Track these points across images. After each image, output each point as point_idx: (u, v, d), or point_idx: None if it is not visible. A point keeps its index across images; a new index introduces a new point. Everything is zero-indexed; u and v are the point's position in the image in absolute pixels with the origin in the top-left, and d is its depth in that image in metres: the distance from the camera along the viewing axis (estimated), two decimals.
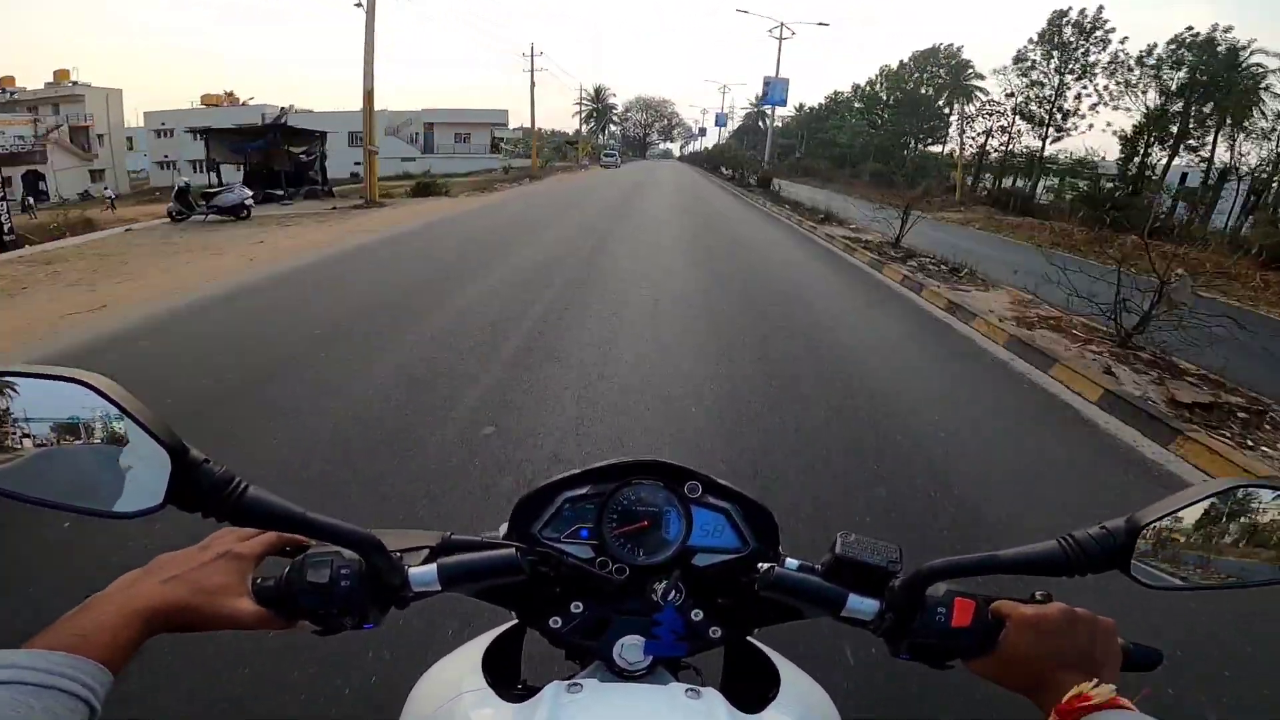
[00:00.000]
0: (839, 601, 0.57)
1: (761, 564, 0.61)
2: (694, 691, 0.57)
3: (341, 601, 0.54)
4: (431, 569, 0.57)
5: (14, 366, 0.44)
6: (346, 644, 1.72)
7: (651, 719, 0.56)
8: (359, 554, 0.54)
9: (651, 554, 0.62)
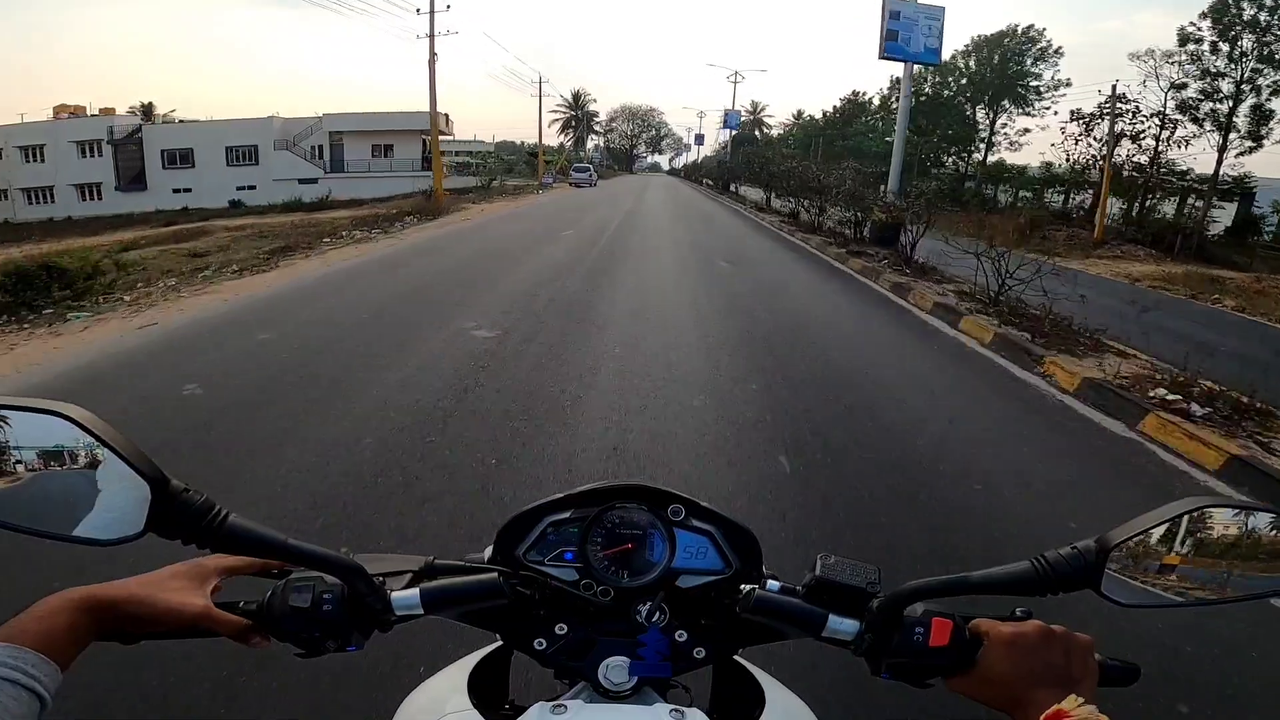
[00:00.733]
0: (819, 623, 0.58)
1: (744, 585, 0.61)
2: (679, 712, 0.58)
3: (324, 625, 0.54)
4: (414, 593, 0.57)
5: None
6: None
7: None
8: (340, 579, 0.54)
9: (636, 576, 0.63)
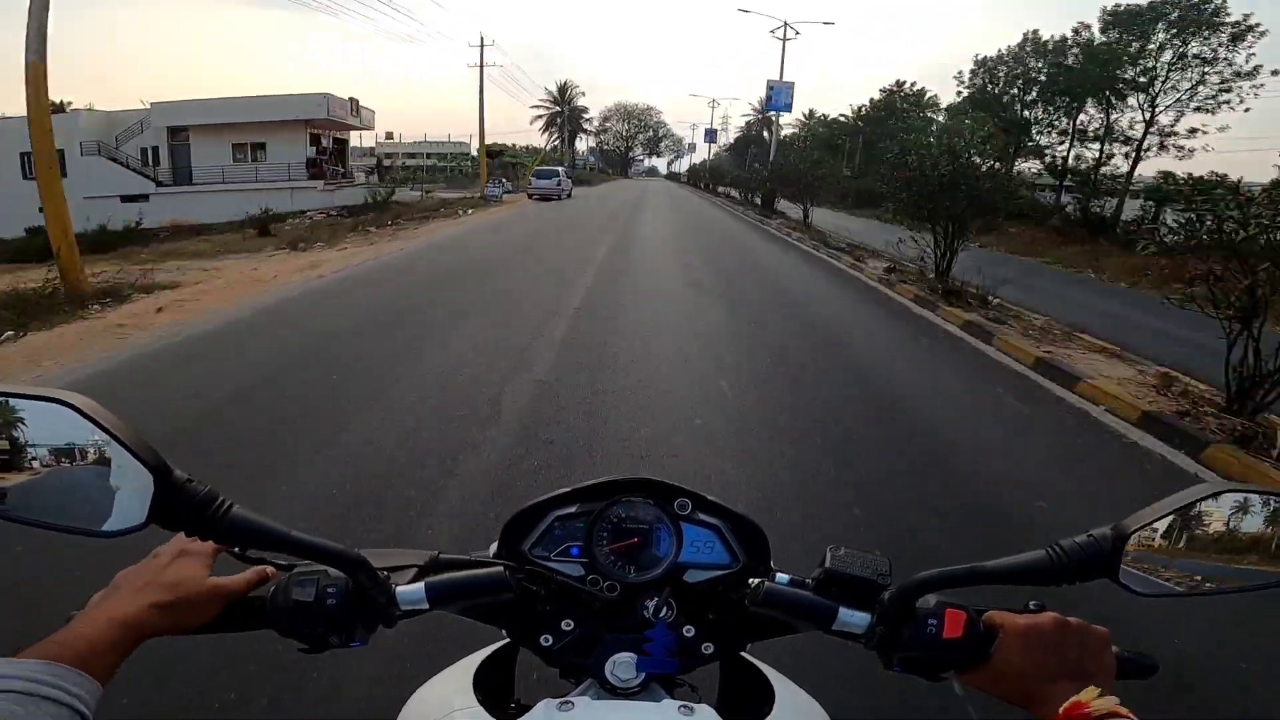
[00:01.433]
0: (830, 616, 0.57)
1: (752, 579, 0.61)
2: (687, 708, 0.57)
3: (328, 620, 0.54)
4: (419, 587, 0.56)
5: None
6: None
7: None
8: (345, 573, 0.54)
9: (642, 571, 0.62)
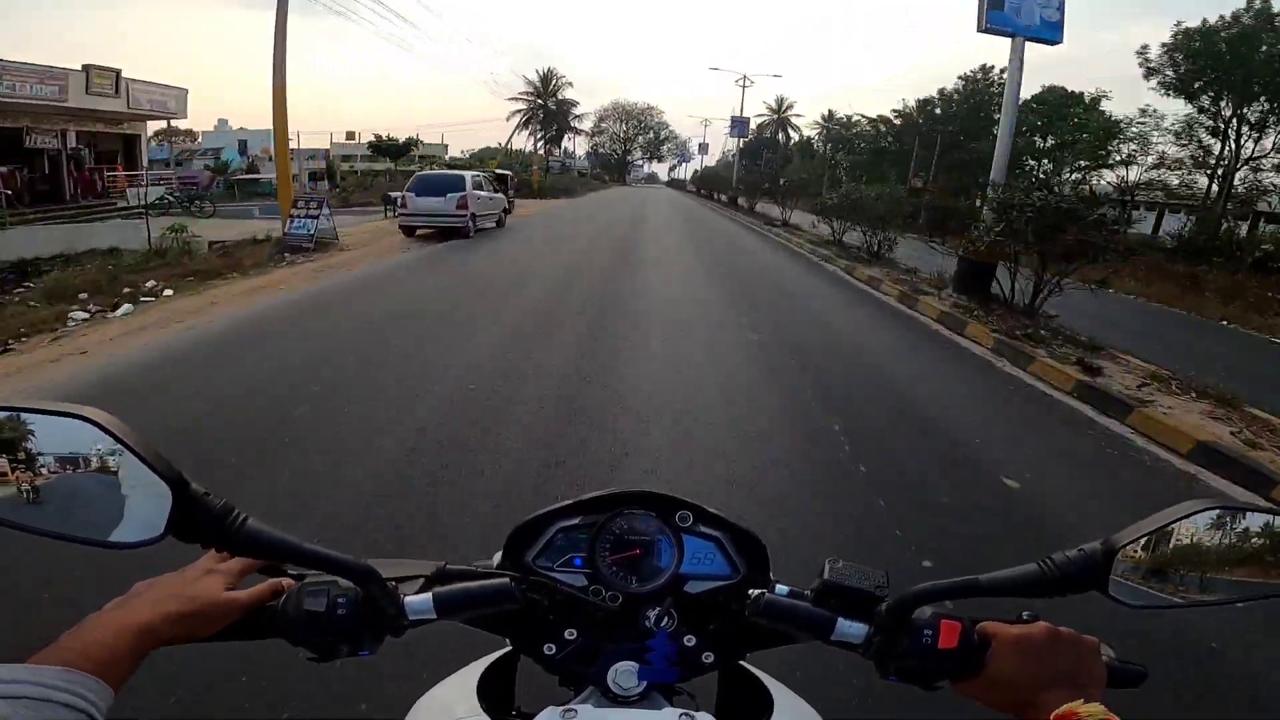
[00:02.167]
0: (828, 626, 0.58)
1: (752, 590, 0.62)
2: (688, 716, 0.58)
3: (338, 630, 0.54)
4: (427, 598, 0.57)
5: (18, 402, 0.45)
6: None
7: None
8: (355, 583, 0.55)
9: (644, 582, 0.63)
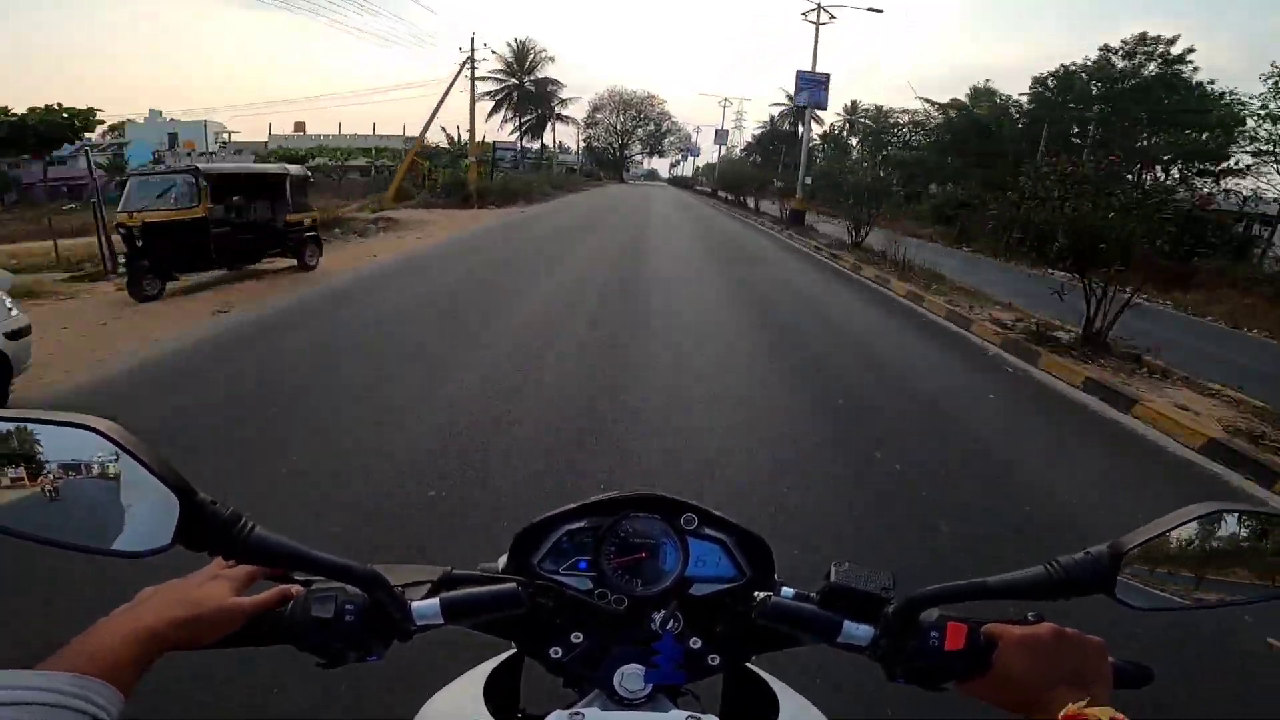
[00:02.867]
0: (834, 629, 0.59)
1: (758, 593, 0.62)
2: (694, 718, 0.58)
3: (346, 636, 0.55)
4: (434, 603, 0.57)
5: (26, 413, 0.45)
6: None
7: None
8: (362, 589, 0.55)
9: (650, 584, 0.63)
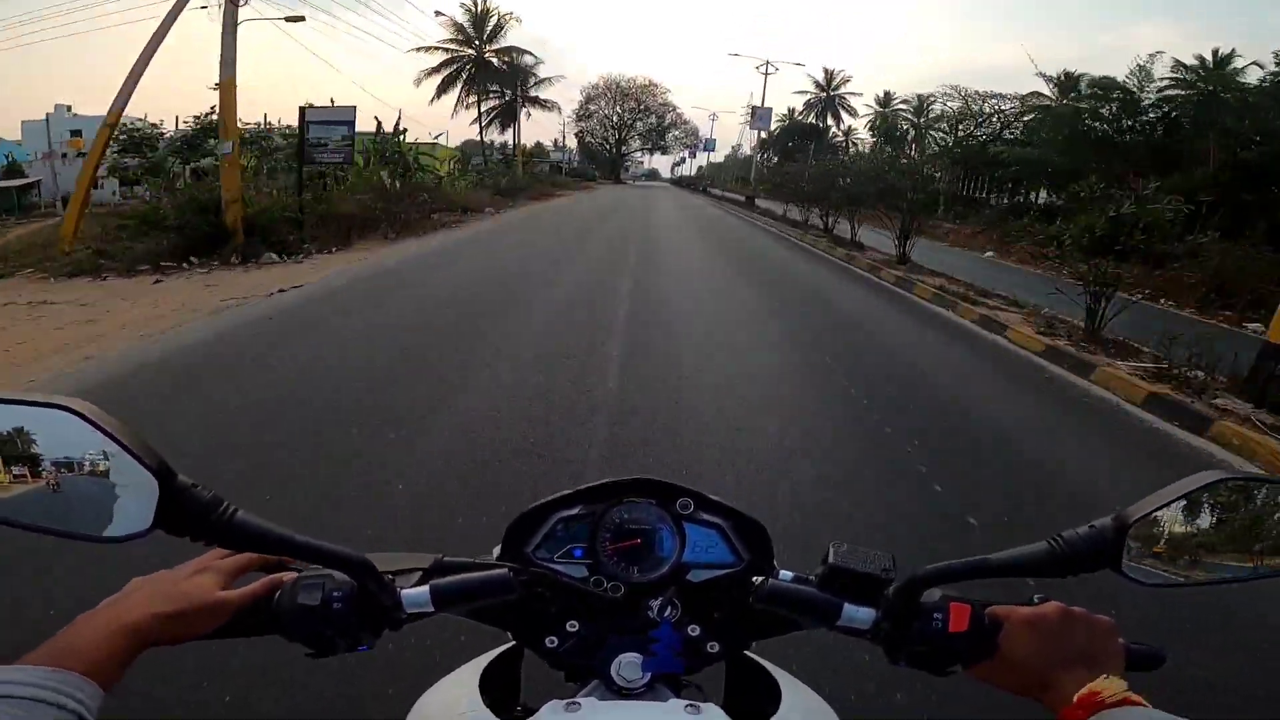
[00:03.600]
0: (834, 612, 0.57)
1: (756, 577, 0.61)
2: (694, 707, 0.57)
3: (334, 624, 0.53)
4: (424, 590, 0.56)
5: (0, 393, 0.44)
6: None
7: None
8: (350, 576, 0.54)
9: (646, 571, 0.62)
